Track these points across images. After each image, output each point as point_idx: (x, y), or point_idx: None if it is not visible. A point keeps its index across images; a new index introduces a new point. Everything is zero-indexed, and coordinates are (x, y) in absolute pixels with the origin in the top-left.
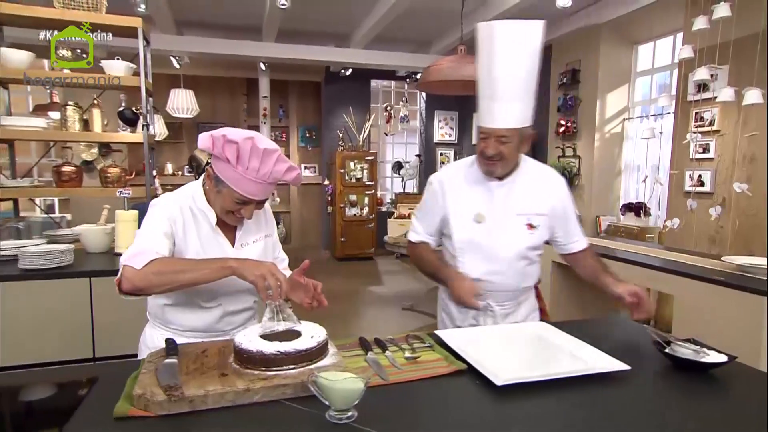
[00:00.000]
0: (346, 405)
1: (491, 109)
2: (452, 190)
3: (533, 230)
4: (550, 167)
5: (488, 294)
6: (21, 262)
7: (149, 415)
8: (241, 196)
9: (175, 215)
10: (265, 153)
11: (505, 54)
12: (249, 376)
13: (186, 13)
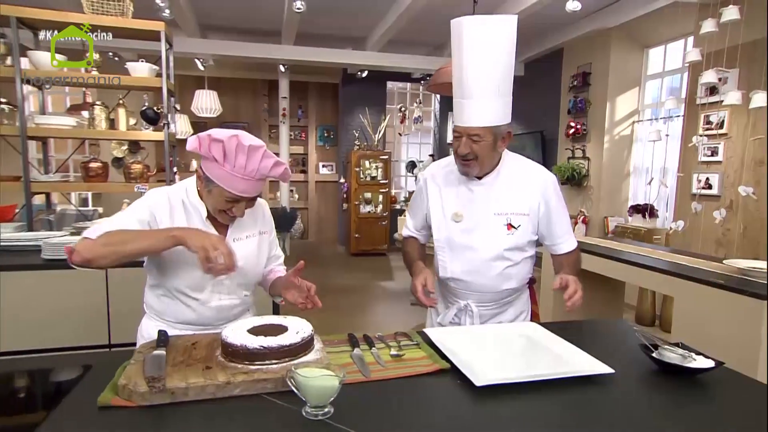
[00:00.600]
0: (322, 401)
1: (463, 107)
2: (434, 187)
3: (513, 231)
4: (540, 166)
5: (467, 294)
6: (43, 252)
7: (131, 405)
8: (231, 195)
9: (161, 204)
10: (251, 149)
11: (475, 50)
12: (232, 370)
13: (210, 17)
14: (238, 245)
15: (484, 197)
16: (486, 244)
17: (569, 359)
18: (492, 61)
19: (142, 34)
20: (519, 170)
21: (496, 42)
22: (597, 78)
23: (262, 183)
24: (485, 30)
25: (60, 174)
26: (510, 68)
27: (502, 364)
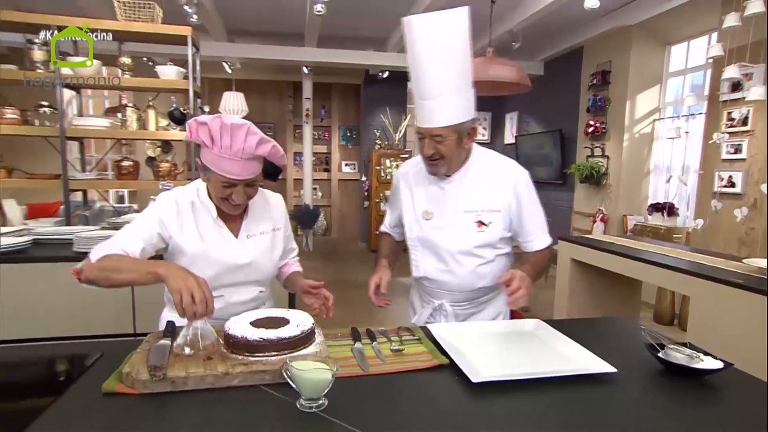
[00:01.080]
0: (315, 394)
1: (422, 107)
2: (405, 186)
3: (483, 228)
4: (512, 161)
5: (441, 293)
6: (75, 245)
7: (134, 393)
8: (223, 178)
9: (169, 212)
10: (234, 128)
11: (428, 49)
12: (232, 361)
13: (236, 22)
14: (252, 241)
15: (453, 194)
16: (456, 242)
17: (571, 357)
18: (447, 59)
19: (171, 38)
20: (489, 166)
21: (448, 38)
22: (617, 76)
23: (254, 164)
24: (436, 27)
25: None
26: (467, 62)
27: (503, 361)
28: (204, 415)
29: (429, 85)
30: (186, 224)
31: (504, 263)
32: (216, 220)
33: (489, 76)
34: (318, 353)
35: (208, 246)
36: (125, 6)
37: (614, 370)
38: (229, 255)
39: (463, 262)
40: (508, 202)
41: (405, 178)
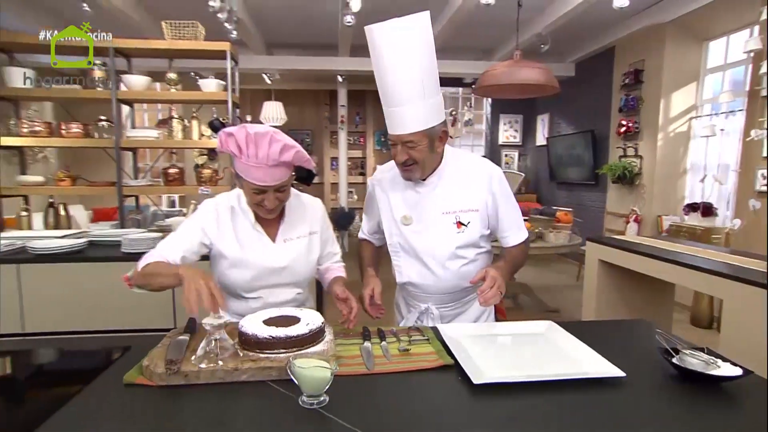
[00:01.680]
0: (315, 391)
1: (391, 115)
2: (381, 192)
3: (463, 228)
4: (484, 160)
5: (426, 297)
6: (123, 246)
7: (152, 384)
8: (253, 185)
9: (209, 219)
10: (257, 136)
11: (391, 57)
12: (243, 357)
13: (274, 36)
14: (288, 245)
15: (430, 198)
16: (437, 245)
17: (580, 360)
18: (411, 65)
19: (213, 54)
20: (463, 167)
21: (411, 44)
22: (650, 75)
23: (281, 170)
24: (397, 34)
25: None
26: (432, 67)
27: (508, 363)
28: (213, 407)
29: (395, 92)
30: (226, 230)
31: (486, 261)
32: (254, 225)
33: (516, 79)
34: (324, 351)
35: (246, 250)
36: (171, 26)
37: (622, 374)
38: (267, 259)
39: (446, 264)
40: (485, 200)
41: (380, 184)
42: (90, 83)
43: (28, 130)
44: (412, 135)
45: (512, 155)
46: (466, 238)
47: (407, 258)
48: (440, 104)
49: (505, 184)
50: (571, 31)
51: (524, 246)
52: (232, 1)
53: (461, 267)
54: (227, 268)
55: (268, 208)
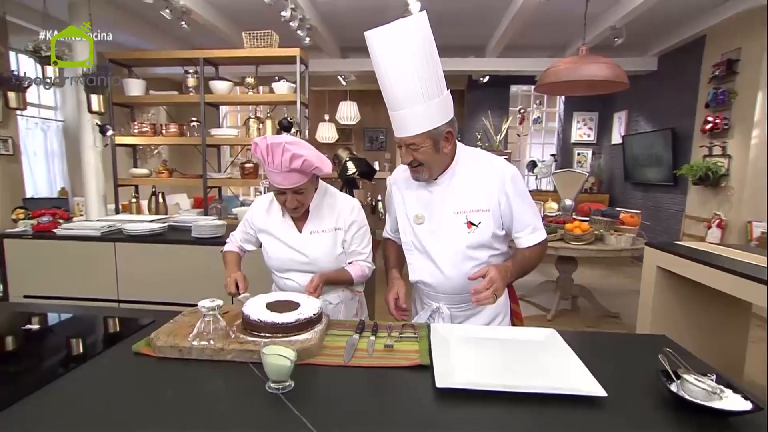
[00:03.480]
0: (277, 377)
1: (394, 119)
2: (398, 191)
3: (473, 228)
4: (499, 159)
5: (437, 296)
6: (192, 231)
7: (153, 355)
8: (273, 187)
9: (253, 214)
10: (273, 146)
11: (389, 61)
12: (232, 339)
13: (347, 39)
14: (314, 237)
15: (441, 197)
16: (447, 245)
17: (564, 374)
18: (410, 68)
19: (286, 59)
20: (476, 166)
21: (409, 47)
22: (747, 65)
23: (295, 176)
24: (395, 38)
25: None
26: (434, 68)
27: (487, 369)
28: (194, 380)
29: (395, 96)
30: (263, 222)
31: (500, 262)
32: (285, 217)
33: (580, 76)
34: (308, 340)
35: (277, 238)
36: (250, 36)
37: (603, 394)
38: (292, 247)
39: (456, 264)
40: (497, 199)
41: (396, 184)
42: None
43: (138, 131)
44: (414, 137)
45: (585, 154)
46: (477, 239)
47: (419, 257)
48: (444, 104)
49: (519, 184)
50: (653, 22)
51: (539, 248)
52: (303, 10)
53: (472, 268)
54: (265, 255)
55: (289, 207)
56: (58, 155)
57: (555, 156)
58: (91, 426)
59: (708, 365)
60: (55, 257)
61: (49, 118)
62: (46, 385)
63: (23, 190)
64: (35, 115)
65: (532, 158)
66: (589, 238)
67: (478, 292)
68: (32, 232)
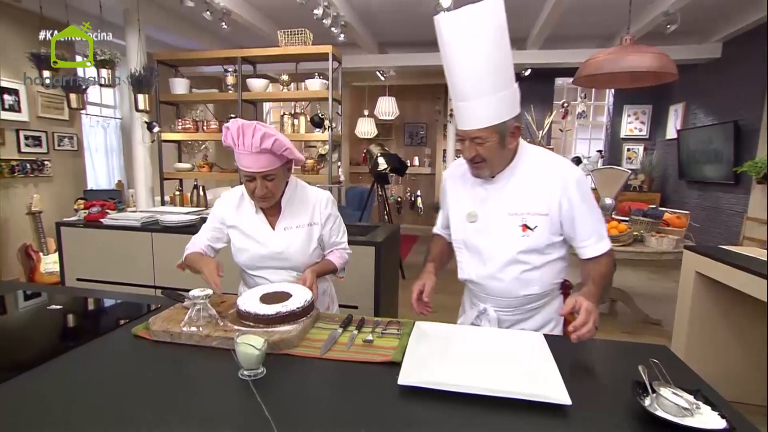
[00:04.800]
0: (247, 365)
1: (459, 110)
2: (452, 187)
3: (528, 232)
4: (563, 160)
5: (485, 298)
6: None
7: (149, 338)
8: (244, 172)
9: (224, 208)
10: (244, 127)
11: (460, 48)
12: (220, 327)
13: (385, 35)
14: (288, 233)
15: (497, 196)
16: (499, 246)
17: (535, 380)
18: (481, 57)
19: (320, 56)
20: (538, 166)
21: (481, 34)
22: None
23: (266, 159)
24: (467, 24)
25: None
26: (506, 58)
27: (458, 369)
28: (179, 363)
29: (464, 86)
30: (234, 218)
31: (556, 270)
32: (258, 213)
33: (621, 67)
34: (288, 332)
35: (249, 235)
36: (285, 34)
37: (568, 402)
38: (265, 243)
39: (506, 267)
40: (558, 204)
41: (452, 179)
42: (224, 88)
43: (181, 127)
44: (481, 131)
45: (636, 150)
46: (531, 243)
47: (469, 255)
48: (513, 97)
49: (584, 188)
50: (716, 5)
51: (609, 260)
52: (337, 8)
53: (522, 273)
54: (235, 250)
55: (258, 195)
56: (116, 150)
57: (601, 152)
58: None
59: (701, 379)
60: (102, 245)
61: (108, 117)
62: (51, 360)
63: (85, 182)
64: (97, 114)
65: (577, 155)
66: (626, 239)
67: (577, 328)
68: (83, 221)
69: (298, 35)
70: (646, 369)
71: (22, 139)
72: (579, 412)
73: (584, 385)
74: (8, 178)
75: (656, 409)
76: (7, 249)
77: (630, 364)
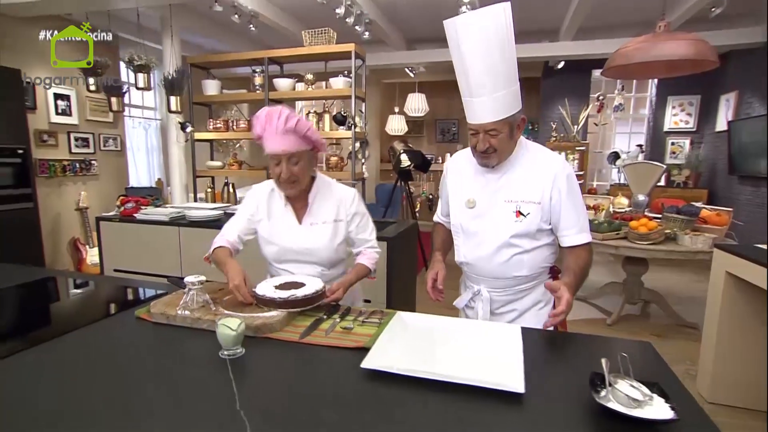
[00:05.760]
0: (224, 344)
1: (472, 105)
2: (453, 175)
3: (521, 218)
4: (556, 155)
5: (479, 279)
6: None
7: (149, 320)
8: (271, 155)
9: (252, 203)
10: (272, 111)
11: (472, 50)
12: (213, 311)
13: (412, 32)
14: (314, 229)
15: (495, 185)
16: (493, 230)
17: (494, 369)
18: (491, 56)
19: (340, 54)
20: (533, 158)
21: (491, 36)
22: None
23: (291, 139)
24: (476, 27)
25: None
26: (512, 57)
27: (423, 357)
28: (171, 343)
29: (478, 84)
30: (262, 212)
31: (545, 255)
32: (286, 207)
33: (654, 56)
34: (273, 317)
35: (275, 229)
36: (309, 34)
37: (521, 391)
38: (291, 238)
39: (499, 250)
40: (548, 194)
41: (455, 167)
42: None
43: (212, 127)
44: (496, 123)
45: (681, 144)
46: (523, 228)
47: (465, 239)
48: (518, 92)
49: (572, 183)
50: None
51: (586, 253)
52: (361, 6)
53: (514, 255)
54: (262, 243)
55: (284, 178)
56: (156, 150)
57: (641, 146)
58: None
59: (675, 376)
60: (136, 238)
61: (149, 118)
62: (61, 336)
63: (127, 180)
64: (138, 115)
65: (615, 149)
66: (656, 237)
67: (557, 316)
68: (119, 216)
69: (322, 35)
70: (609, 362)
71: (73, 141)
72: (535, 401)
73: (550, 377)
74: (60, 176)
75: (609, 400)
76: (60, 242)
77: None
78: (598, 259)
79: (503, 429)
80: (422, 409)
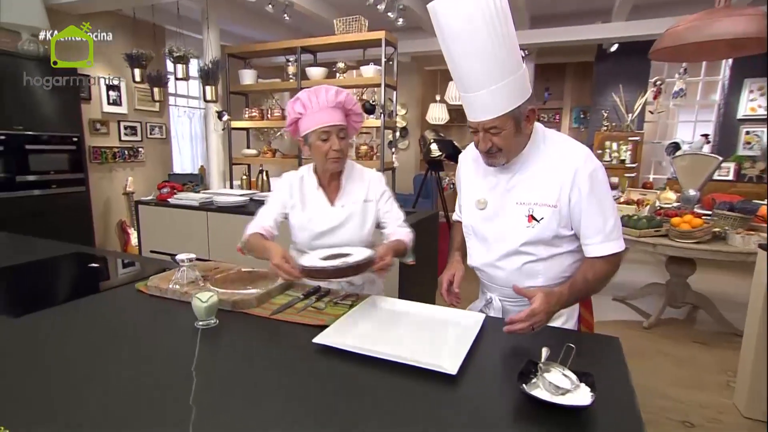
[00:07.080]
0: (198, 315)
1: (468, 101)
2: (465, 172)
3: (534, 223)
4: (581, 148)
5: (490, 286)
6: None
7: (146, 292)
8: (320, 129)
9: (285, 190)
10: (316, 89)
11: (461, 37)
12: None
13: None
14: (345, 210)
15: (507, 184)
16: (502, 236)
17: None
18: (485, 44)
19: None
20: (552, 153)
21: (482, 19)
22: None
23: (339, 113)
24: (465, 10)
25: None
26: (511, 41)
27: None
28: (157, 313)
29: (470, 77)
30: (295, 198)
31: (566, 264)
32: (318, 190)
33: (708, 36)
34: (248, 294)
35: (309, 211)
36: (341, 22)
37: (452, 372)
38: (324, 219)
39: (509, 257)
40: (567, 196)
41: (466, 163)
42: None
43: (248, 116)
44: (496, 120)
45: (758, 133)
46: (536, 234)
47: (476, 242)
48: (523, 79)
49: (597, 182)
50: None
51: (607, 266)
52: None
53: (526, 264)
54: (295, 229)
55: (335, 149)
56: (199, 138)
57: (707, 136)
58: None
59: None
60: (169, 221)
61: (193, 107)
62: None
63: (171, 167)
64: (183, 105)
65: (675, 140)
66: (701, 235)
67: (513, 322)
68: (155, 201)
69: (353, 22)
70: (549, 350)
71: (122, 129)
72: (467, 384)
73: (497, 364)
74: (111, 163)
75: (537, 387)
76: (110, 224)
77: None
78: (639, 258)
79: (432, 407)
80: (365, 381)
